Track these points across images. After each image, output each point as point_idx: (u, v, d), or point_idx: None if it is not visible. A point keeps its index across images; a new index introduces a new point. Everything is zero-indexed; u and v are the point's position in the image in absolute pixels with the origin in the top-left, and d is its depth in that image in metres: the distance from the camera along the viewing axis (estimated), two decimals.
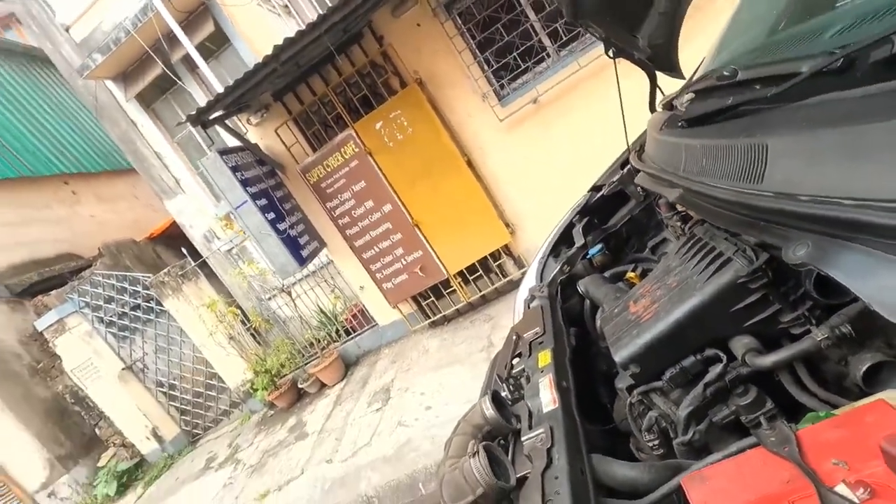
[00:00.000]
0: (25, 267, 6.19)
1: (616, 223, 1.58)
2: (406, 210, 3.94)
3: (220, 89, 4.57)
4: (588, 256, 1.53)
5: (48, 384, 5.55)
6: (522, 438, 0.83)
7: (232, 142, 4.30)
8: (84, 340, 5.24)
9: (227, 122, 3.83)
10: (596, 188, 1.69)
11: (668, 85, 1.55)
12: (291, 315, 5.11)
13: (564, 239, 1.65)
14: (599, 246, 1.53)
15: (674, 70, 1.50)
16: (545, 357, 1.05)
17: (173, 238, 7.58)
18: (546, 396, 0.91)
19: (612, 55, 1.42)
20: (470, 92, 3.76)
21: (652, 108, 1.51)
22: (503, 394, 1.00)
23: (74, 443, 5.53)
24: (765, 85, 0.71)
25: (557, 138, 3.74)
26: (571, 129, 3.68)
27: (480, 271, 4.12)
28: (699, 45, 1.54)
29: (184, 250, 5.33)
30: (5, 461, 5.20)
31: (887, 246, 0.41)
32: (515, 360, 1.20)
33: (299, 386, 4.83)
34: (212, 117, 3.60)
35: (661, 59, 1.43)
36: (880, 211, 0.40)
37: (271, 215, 3.67)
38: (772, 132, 0.57)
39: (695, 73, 1.48)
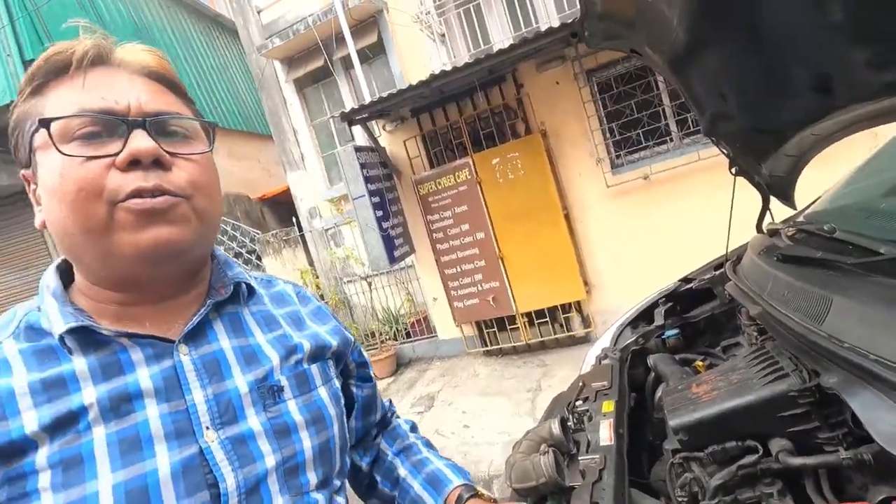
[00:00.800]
0: None
1: (697, 315, 1.75)
2: (496, 242, 4.23)
3: (365, 91, 5.19)
4: (663, 337, 1.71)
5: None
6: (579, 458, 1.06)
7: (362, 140, 4.85)
8: None
9: (367, 124, 4.35)
10: (686, 280, 1.87)
11: (779, 208, 1.71)
12: (363, 303, 5.55)
13: (645, 315, 1.84)
14: (676, 330, 1.71)
15: (788, 200, 1.67)
16: (609, 405, 1.26)
17: (279, 203, 8.42)
18: (604, 434, 1.13)
19: (733, 172, 1.62)
20: (587, 154, 4.01)
21: (758, 229, 1.68)
22: (568, 422, 1.23)
23: None
24: (854, 249, 0.91)
25: (658, 218, 3.88)
26: (674, 214, 3.80)
27: (547, 318, 4.29)
28: (821, 178, 1.69)
29: (294, 219, 5.96)
30: None
31: (889, 393, 0.61)
32: (579, 402, 1.41)
33: None
34: (357, 118, 4.11)
35: (778, 188, 1.61)
36: (887, 368, 0.60)
37: (379, 213, 4.10)
38: (840, 291, 0.77)
39: (805, 208, 1.64)
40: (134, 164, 0.48)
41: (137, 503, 0.45)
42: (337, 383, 0.66)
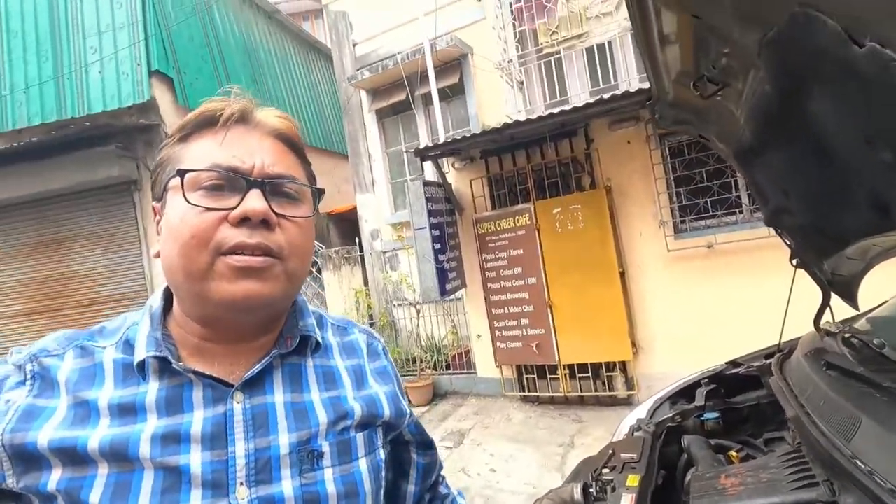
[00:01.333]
0: None
1: (741, 402, 1.72)
2: (547, 289, 4.26)
3: (440, 127, 5.45)
4: (702, 418, 1.69)
5: None
6: None
7: (431, 174, 5.08)
8: None
9: (438, 160, 4.57)
10: (734, 363, 1.84)
11: (842, 305, 1.67)
12: (409, 329, 5.69)
13: (685, 393, 1.83)
14: (716, 414, 1.68)
15: (850, 300, 1.63)
16: (634, 479, 1.29)
17: (344, 220, 8.84)
18: None
19: (794, 265, 1.61)
20: (650, 215, 3.99)
21: (816, 325, 1.64)
22: (591, 489, 1.26)
23: None
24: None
25: (718, 290, 3.77)
26: (735, 288, 3.68)
27: (590, 374, 4.23)
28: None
29: (356, 239, 6.27)
30: None
31: None
32: (605, 471, 1.43)
33: None
34: (430, 154, 4.34)
35: (840, 286, 1.58)
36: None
37: (437, 245, 4.26)
38: (872, 413, 0.79)
39: (869, 311, 1.60)
40: (244, 220, 0.53)
41: None
42: (382, 453, 0.66)
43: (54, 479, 0.49)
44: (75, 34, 6.49)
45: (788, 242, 1.59)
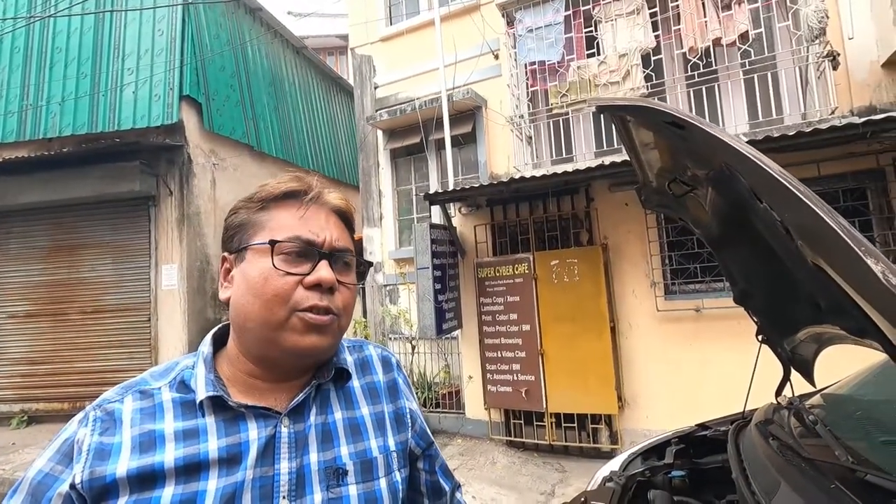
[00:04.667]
0: None
1: (707, 463, 1.86)
2: (540, 337, 4.41)
3: (450, 172, 5.73)
4: (669, 475, 1.82)
5: (218, 312, 7.02)
6: None
7: (437, 217, 5.31)
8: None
9: (445, 205, 4.81)
10: (703, 426, 1.99)
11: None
12: (403, 364, 5.79)
13: (657, 451, 1.97)
14: (683, 472, 1.82)
15: (807, 377, 1.79)
16: None
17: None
18: None
19: (759, 340, 1.79)
20: (643, 275, 4.19)
21: (777, 395, 1.80)
22: None
23: None
24: (823, 447, 1.09)
25: (704, 352, 3.92)
26: (720, 352, 3.83)
27: (575, 424, 4.32)
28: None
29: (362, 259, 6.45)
30: (162, 342, 6.64)
31: None
32: None
33: None
34: (440, 199, 4.59)
35: (798, 364, 1.76)
36: None
37: (438, 286, 4.44)
38: (788, 478, 0.96)
39: (824, 388, 1.77)
40: (316, 285, 0.66)
41: None
42: (398, 476, 0.74)
43: (121, 503, 0.58)
44: (115, 55, 6.91)
45: (755, 320, 1.77)
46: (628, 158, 3.65)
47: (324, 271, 0.67)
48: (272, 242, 0.66)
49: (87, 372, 6.71)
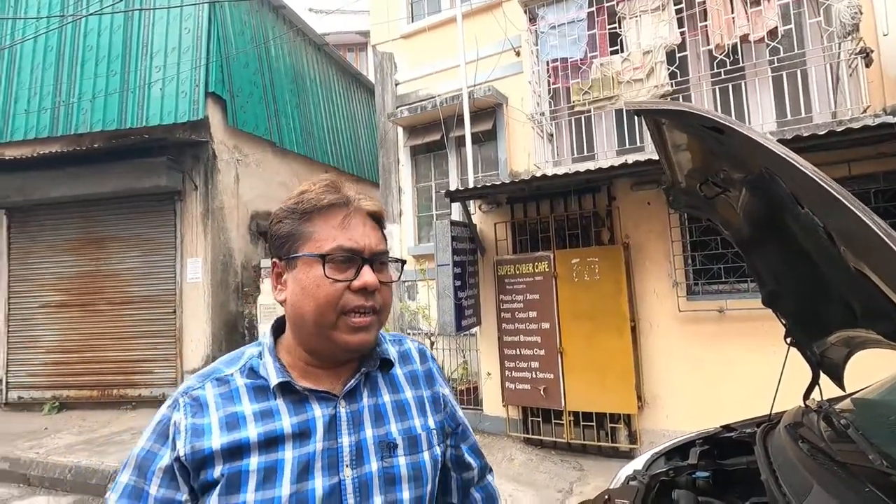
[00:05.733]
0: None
1: (732, 465, 1.86)
2: (559, 336, 4.41)
3: (470, 169, 5.74)
4: (693, 476, 1.83)
5: (240, 305, 7.16)
6: None
7: (457, 214, 5.34)
8: None
9: (466, 202, 4.83)
10: (728, 428, 1.99)
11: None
12: None
13: (680, 451, 1.97)
14: (707, 474, 1.82)
15: (837, 381, 1.78)
16: None
17: None
18: None
19: (787, 343, 1.77)
20: (664, 274, 4.16)
21: (805, 398, 1.79)
22: None
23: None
24: (856, 451, 1.09)
25: (726, 353, 3.88)
26: (743, 353, 3.79)
27: (594, 423, 4.32)
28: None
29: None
30: (186, 334, 6.80)
31: None
32: None
33: None
34: (460, 196, 4.61)
35: (828, 367, 1.74)
36: None
37: (458, 283, 4.47)
38: (821, 480, 0.96)
39: (854, 392, 1.75)
40: (364, 289, 0.75)
41: None
42: (438, 450, 0.86)
43: (218, 473, 0.70)
44: (144, 53, 7.06)
45: (784, 322, 1.76)
46: (653, 158, 3.62)
47: (367, 276, 0.76)
48: (322, 257, 0.75)
49: (115, 361, 6.91)
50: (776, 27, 4.36)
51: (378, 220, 0.84)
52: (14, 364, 7.22)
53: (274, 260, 0.81)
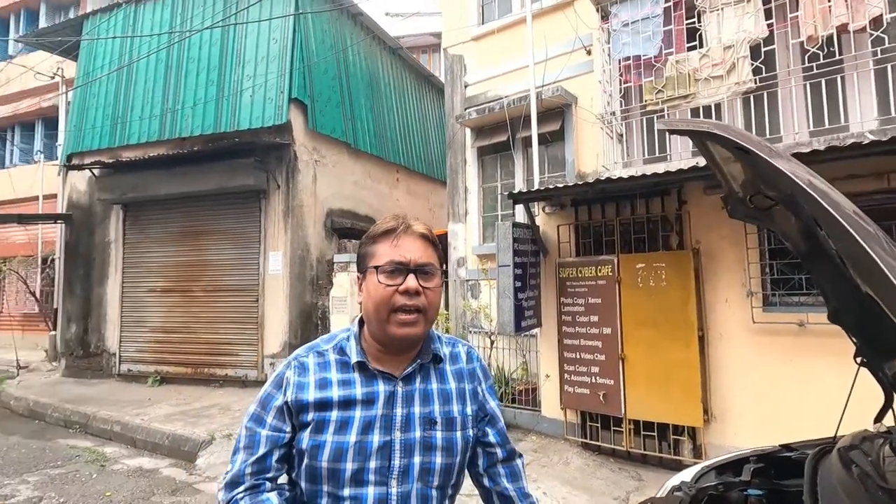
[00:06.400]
0: (346, 214, 8.59)
1: (789, 485, 1.78)
2: (621, 342, 4.32)
3: (536, 170, 5.74)
4: (746, 492, 1.77)
5: (314, 296, 7.66)
6: None
7: (521, 215, 5.36)
8: (352, 284, 7.09)
9: (529, 204, 4.86)
10: (787, 447, 1.90)
11: None
12: (482, 357, 5.95)
13: (733, 466, 1.91)
14: (761, 492, 1.76)
15: None
16: None
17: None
18: None
19: (857, 362, 1.67)
20: (738, 283, 3.93)
21: (875, 421, 1.67)
22: None
23: (300, 344, 7.48)
24: None
25: (804, 370, 3.61)
26: (822, 371, 3.50)
27: (655, 433, 4.19)
28: None
29: (444, 266, 6.69)
30: (267, 321, 7.39)
31: None
32: None
33: None
34: (524, 198, 4.64)
35: None
36: None
37: (518, 284, 4.51)
38: None
39: None
40: (407, 291, 0.98)
41: (361, 456, 0.97)
42: (471, 432, 1.09)
43: (310, 417, 0.99)
44: (237, 63, 7.74)
45: (853, 340, 1.66)
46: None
47: (410, 282, 0.99)
48: (375, 268, 1.01)
49: (206, 343, 7.67)
50: (881, 14, 3.98)
51: (427, 238, 1.05)
52: (126, 340, 8.24)
53: (357, 274, 1.09)
